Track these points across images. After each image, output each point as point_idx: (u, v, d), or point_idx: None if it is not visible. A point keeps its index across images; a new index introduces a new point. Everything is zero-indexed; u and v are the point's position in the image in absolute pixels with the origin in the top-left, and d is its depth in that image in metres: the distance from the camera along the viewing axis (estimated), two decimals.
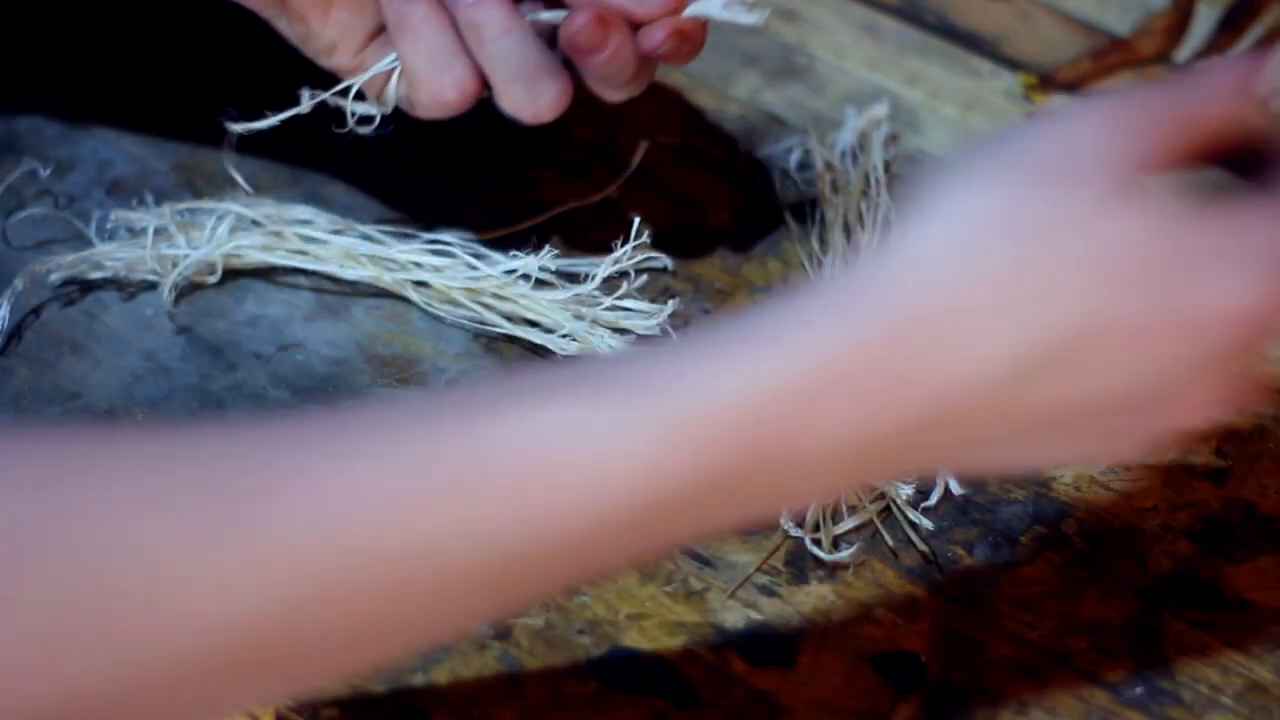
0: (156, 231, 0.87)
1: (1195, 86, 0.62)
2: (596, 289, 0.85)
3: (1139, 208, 0.58)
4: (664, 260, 0.88)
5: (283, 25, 0.81)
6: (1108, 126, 0.60)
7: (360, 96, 0.82)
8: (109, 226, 0.87)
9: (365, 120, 0.82)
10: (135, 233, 0.87)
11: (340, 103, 0.82)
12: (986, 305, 0.57)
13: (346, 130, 0.82)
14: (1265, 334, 0.59)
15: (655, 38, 0.76)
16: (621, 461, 0.55)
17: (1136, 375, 0.59)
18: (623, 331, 0.85)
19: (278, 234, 0.86)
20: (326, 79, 0.83)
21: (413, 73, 0.78)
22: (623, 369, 0.58)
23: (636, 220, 0.86)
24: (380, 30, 0.80)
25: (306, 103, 0.82)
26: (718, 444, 0.56)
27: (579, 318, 0.84)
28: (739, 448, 0.56)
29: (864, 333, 0.57)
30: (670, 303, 0.85)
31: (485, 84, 0.78)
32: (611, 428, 0.56)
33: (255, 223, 0.88)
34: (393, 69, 0.80)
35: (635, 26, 0.77)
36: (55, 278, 0.86)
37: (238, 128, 0.83)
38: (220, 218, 0.87)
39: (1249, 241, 0.59)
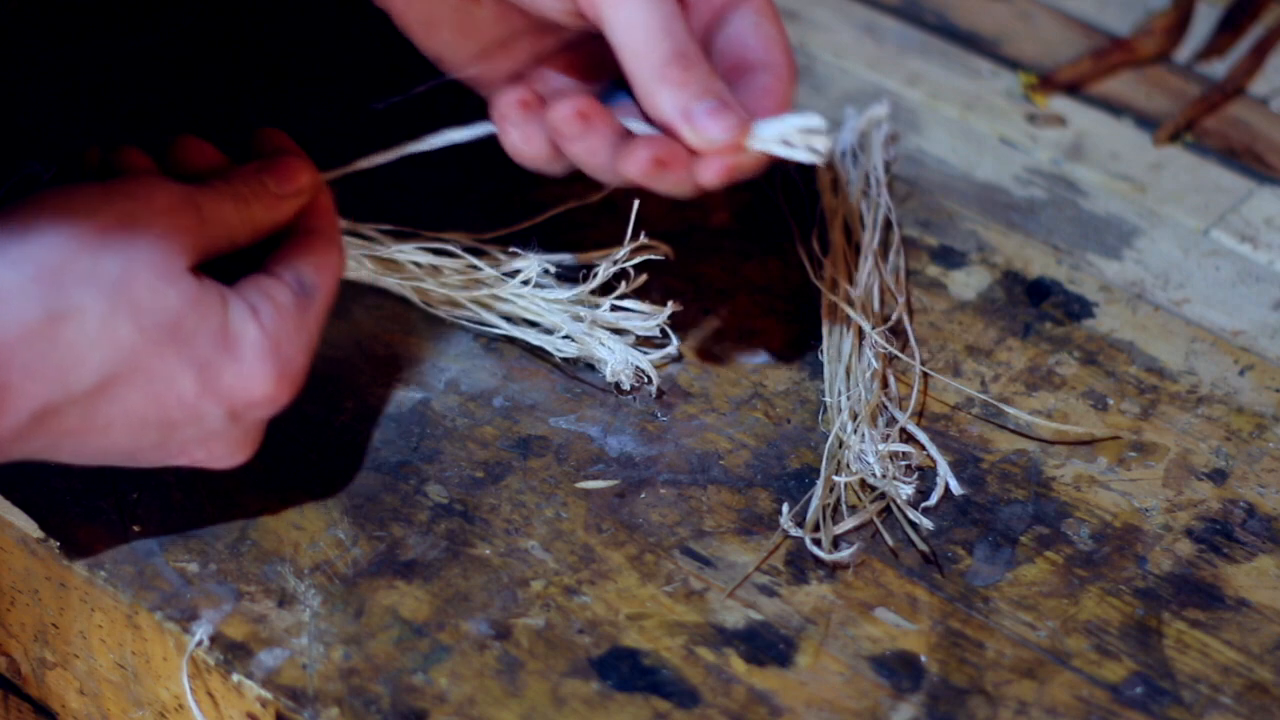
0: None
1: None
2: (595, 289, 0.85)
3: (186, 290, 0.72)
4: (664, 250, 0.88)
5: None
6: (169, 219, 0.73)
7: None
8: None
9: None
10: None
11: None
12: (68, 343, 0.70)
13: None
14: (266, 410, 0.74)
15: (708, 174, 0.77)
16: None
17: (173, 420, 0.73)
18: (621, 332, 0.85)
19: None
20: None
21: (508, 147, 0.81)
22: None
23: (633, 219, 0.86)
24: (489, 50, 0.83)
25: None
26: None
27: (578, 319, 0.84)
28: None
29: None
30: (669, 304, 0.85)
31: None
32: None
33: None
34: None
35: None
36: None
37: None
38: None
39: (274, 344, 0.74)
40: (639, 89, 0.76)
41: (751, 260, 0.90)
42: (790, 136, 0.76)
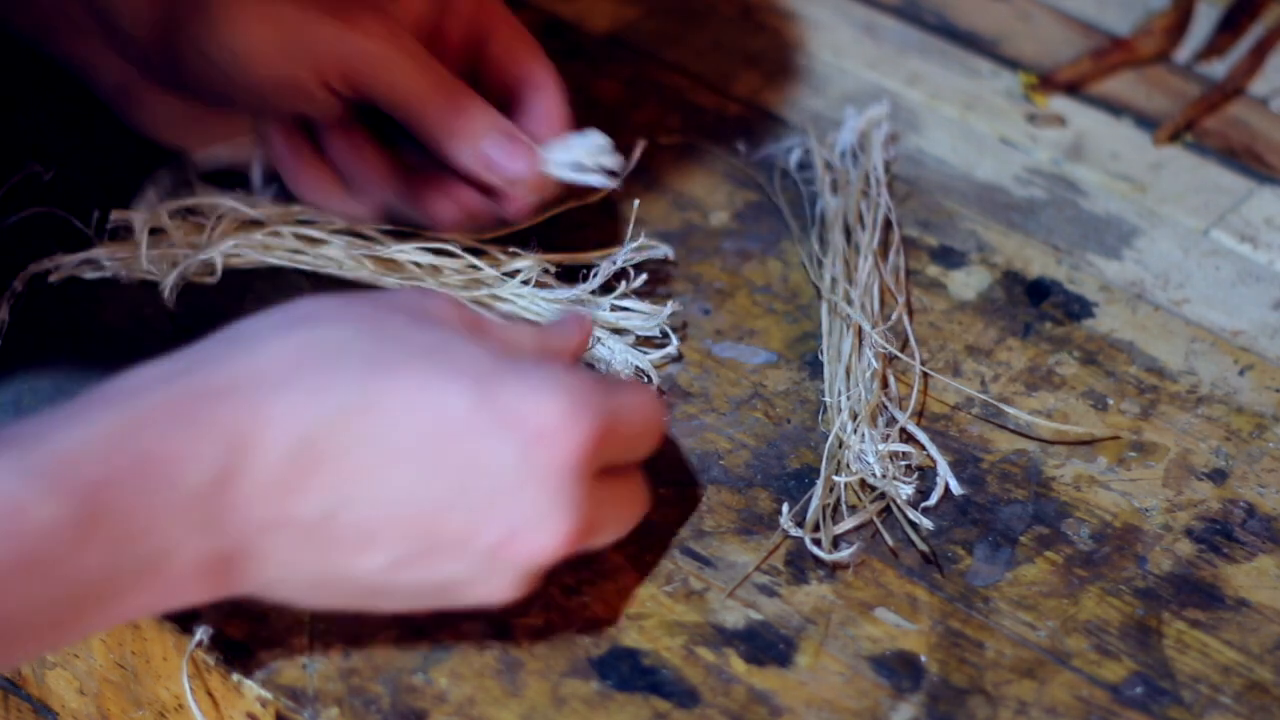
0: (156, 231, 0.87)
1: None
2: (595, 289, 0.86)
3: (451, 330, 0.67)
4: (664, 249, 0.88)
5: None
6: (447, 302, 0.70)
7: None
8: (108, 226, 0.87)
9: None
10: (135, 232, 0.86)
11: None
12: (323, 362, 0.65)
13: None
14: (563, 450, 0.66)
15: (513, 209, 0.83)
16: None
17: (456, 455, 0.65)
18: (621, 332, 0.85)
19: (277, 234, 0.86)
20: None
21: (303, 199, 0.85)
22: (9, 432, 0.63)
23: (633, 219, 0.86)
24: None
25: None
26: (64, 484, 0.62)
27: None
28: (84, 485, 0.62)
29: (190, 386, 0.64)
30: (669, 304, 0.85)
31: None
32: None
33: (255, 222, 0.87)
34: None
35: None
36: (55, 277, 0.86)
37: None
38: (219, 217, 0.87)
39: (557, 377, 0.67)
40: (431, 146, 0.80)
41: (751, 260, 0.90)
42: (581, 159, 0.81)
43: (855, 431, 0.81)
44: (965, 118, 0.99)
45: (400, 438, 0.65)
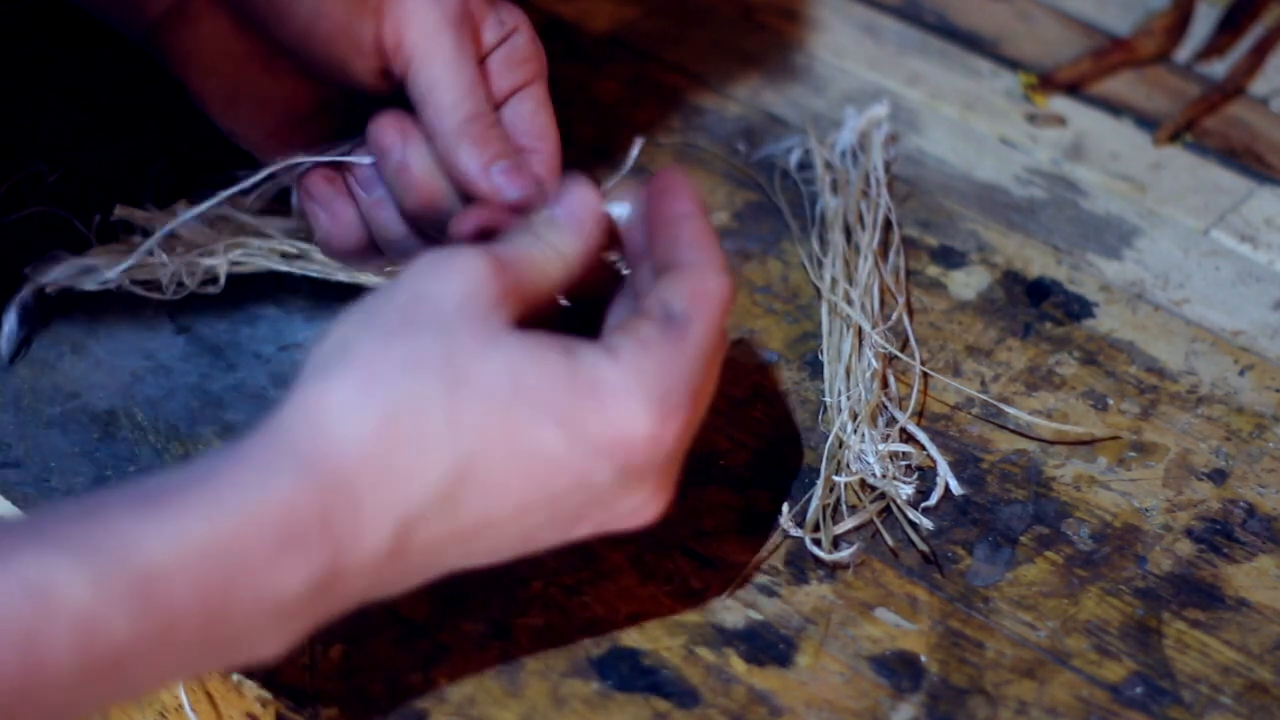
0: (156, 233, 0.86)
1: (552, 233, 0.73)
2: None
3: (517, 344, 0.67)
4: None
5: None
6: (466, 277, 0.68)
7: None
8: (111, 225, 0.87)
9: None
10: (136, 234, 0.86)
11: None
12: (410, 437, 0.64)
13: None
14: (659, 452, 0.67)
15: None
16: (57, 617, 0.59)
17: (556, 491, 0.67)
18: None
19: (278, 236, 0.86)
20: None
21: (318, 232, 0.82)
22: (76, 521, 0.61)
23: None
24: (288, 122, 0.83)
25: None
26: (146, 602, 0.60)
27: None
28: (170, 602, 0.60)
29: (293, 491, 0.63)
30: None
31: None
32: (46, 582, 0.59)
33: (257, 228, 0.87)
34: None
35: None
36: (52, 289, 0.86)
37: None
38: (221, 218, 0.87)
39: (640, 377, 0.67)
40: (440, 144, 0.79)
41: (751, 260, 0.90)
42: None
43: (855, 431, 0.81)
44: (965, 118, 0.99)
45: (499, 499, 0.66)
